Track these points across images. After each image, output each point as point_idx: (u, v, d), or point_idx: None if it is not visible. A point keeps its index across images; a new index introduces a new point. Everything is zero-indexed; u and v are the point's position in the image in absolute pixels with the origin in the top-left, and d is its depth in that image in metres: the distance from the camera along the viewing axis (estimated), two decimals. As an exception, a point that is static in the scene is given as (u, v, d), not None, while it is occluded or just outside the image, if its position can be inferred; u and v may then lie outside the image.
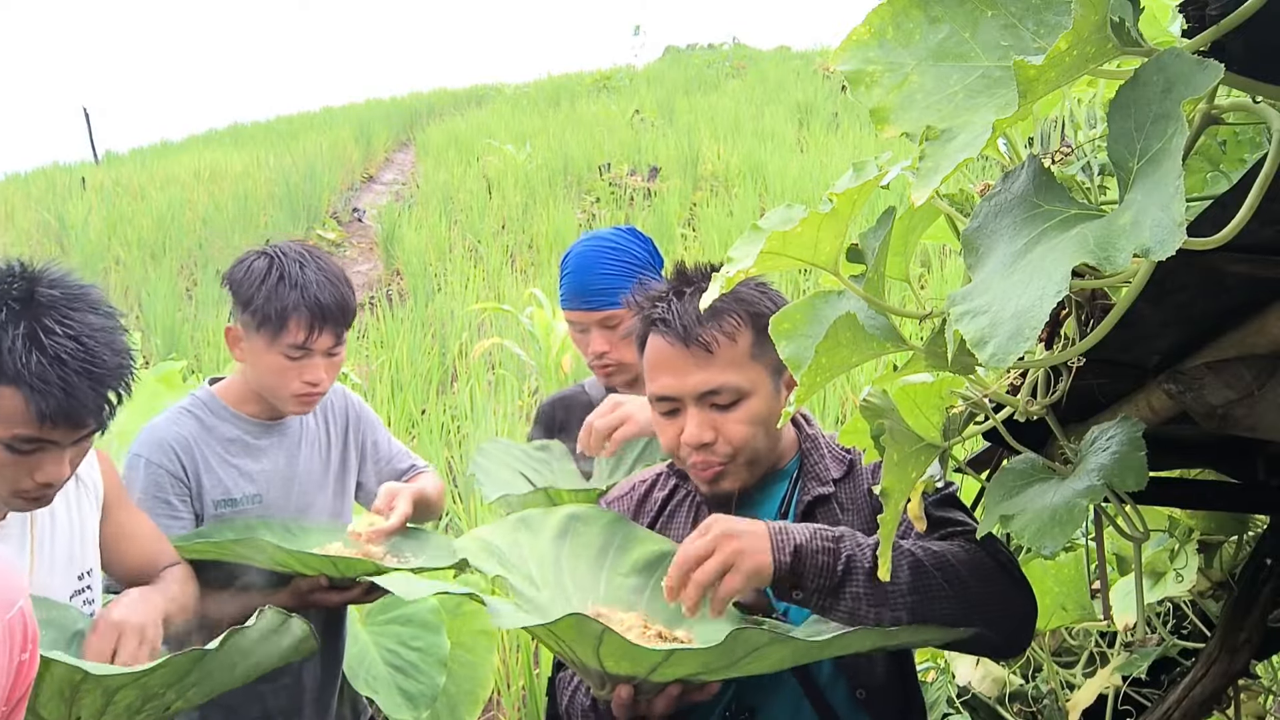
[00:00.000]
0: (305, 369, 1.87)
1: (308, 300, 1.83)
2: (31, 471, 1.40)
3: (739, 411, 1.35)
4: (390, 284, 9.32)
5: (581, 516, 1.47)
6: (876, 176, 0.79)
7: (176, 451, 1.89)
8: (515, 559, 1.39)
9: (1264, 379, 0.84)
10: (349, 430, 2.12)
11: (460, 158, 12.91)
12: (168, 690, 1.32)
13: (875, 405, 1.01)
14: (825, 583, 1.18)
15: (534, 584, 1.35)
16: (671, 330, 1.34)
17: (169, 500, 1.87)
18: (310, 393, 1.89)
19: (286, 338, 1.84)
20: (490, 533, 1.44)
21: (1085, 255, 0.59)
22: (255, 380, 1.92)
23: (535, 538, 1.43)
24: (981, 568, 1.23)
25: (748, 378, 1.35)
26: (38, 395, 1.33)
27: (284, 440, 2.01)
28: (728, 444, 1.36)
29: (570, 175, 11.73)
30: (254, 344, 1.87)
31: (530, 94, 18.19)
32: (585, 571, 1.39)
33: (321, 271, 1.87)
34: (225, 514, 1.92)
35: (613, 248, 2.06)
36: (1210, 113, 0.65)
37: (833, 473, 1.43)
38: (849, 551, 1.20)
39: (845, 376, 5.21)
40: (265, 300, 1.82)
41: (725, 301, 1.34)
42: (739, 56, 19.76)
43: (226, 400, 1.97)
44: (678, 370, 1.35)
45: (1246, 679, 1.66)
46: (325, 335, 1.87)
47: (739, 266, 0.81)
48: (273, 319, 1.82)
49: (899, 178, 0.78)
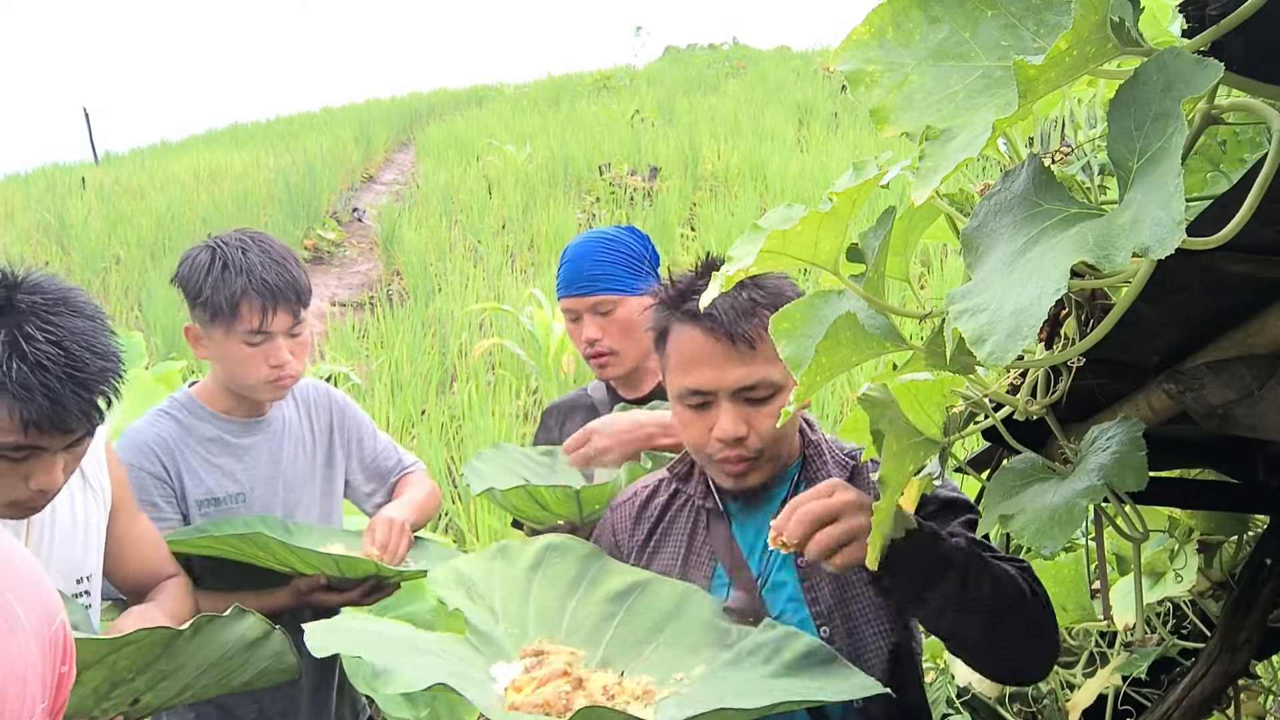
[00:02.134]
0: (268, 352, 1.87)
1: (255, 283, 1.83)
2: (25, 479, 1.40)
3: (773, 405, 1.34)
4: (390, 284, 9.32)
5: (559, 547, 1.46)
6: (876, 176, 0.79)
7: (156, 453, 1.89)
8: (484, 589, 1.38)
9: (1264, 379, 0.84)
10: (333, 427, 2.12)
11: (460, 158, 12.91)
12: (136, 676, 1.29)
13: (875, 399, 1.01)
14: (932, 565, 1.16)
15: (494, 616, 1.34)
16: (716, 324, 1.32)
17: (154, 502, 1.87)
18: (279, 376, 1.89)
19: (241, 324, 1.84)
20: (466, 562, 1.43)
21: (1085, 254, 0.59)
22: (225, 375, 1.93)
23: (510, 567, 1.42)
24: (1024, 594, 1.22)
25: (781, 372, 1.33)
26: (21, 403, 1.32)
27: (266, 438, 2.01)
28: (759, 438, 1.34)
29: (570, 175, 11.74)
30: (213, 337, 1.87)
31: (530, 94, 18.20)
32: (553, 602, 1.38)
33: (265, 253, 1.87)
34: (211, 514, 1.92)
35: (609, 239, 2.07)
36: (1210, 113, 0.65)
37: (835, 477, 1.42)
38: (946, 553, 1.17)
39: (845, 376, 5.22)
40: (213, 290, 1.82)
41: (764, 296, 1.33)
42: (739, 56, 19.78)
43: (204, 401, 1.97)
44: (717, 364, 1.33)
45: (1246, 679, 1.66)
46: (280, 315, 1.86)
47: (739, 265, 0.81)
48: (224, 308, 1.82)
49: (899, 177, 0.78)
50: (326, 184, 11.65)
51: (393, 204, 11.43)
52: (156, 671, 1.31)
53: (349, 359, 7.22)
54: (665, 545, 1.47)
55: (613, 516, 1.55)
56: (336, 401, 2.14)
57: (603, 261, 2.03)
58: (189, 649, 1.32)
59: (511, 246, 9.78)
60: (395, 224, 10.25)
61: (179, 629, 1.28)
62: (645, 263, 2.06)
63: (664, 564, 1.46)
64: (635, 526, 1.51)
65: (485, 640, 1.30)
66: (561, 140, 12.84)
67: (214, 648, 1.36)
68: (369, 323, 8.12)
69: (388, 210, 10.85)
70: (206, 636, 1.33)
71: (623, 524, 1.53)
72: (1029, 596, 1.23)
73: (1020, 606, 1.21)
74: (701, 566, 1.42)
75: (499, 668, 1.26)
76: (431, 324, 7.92)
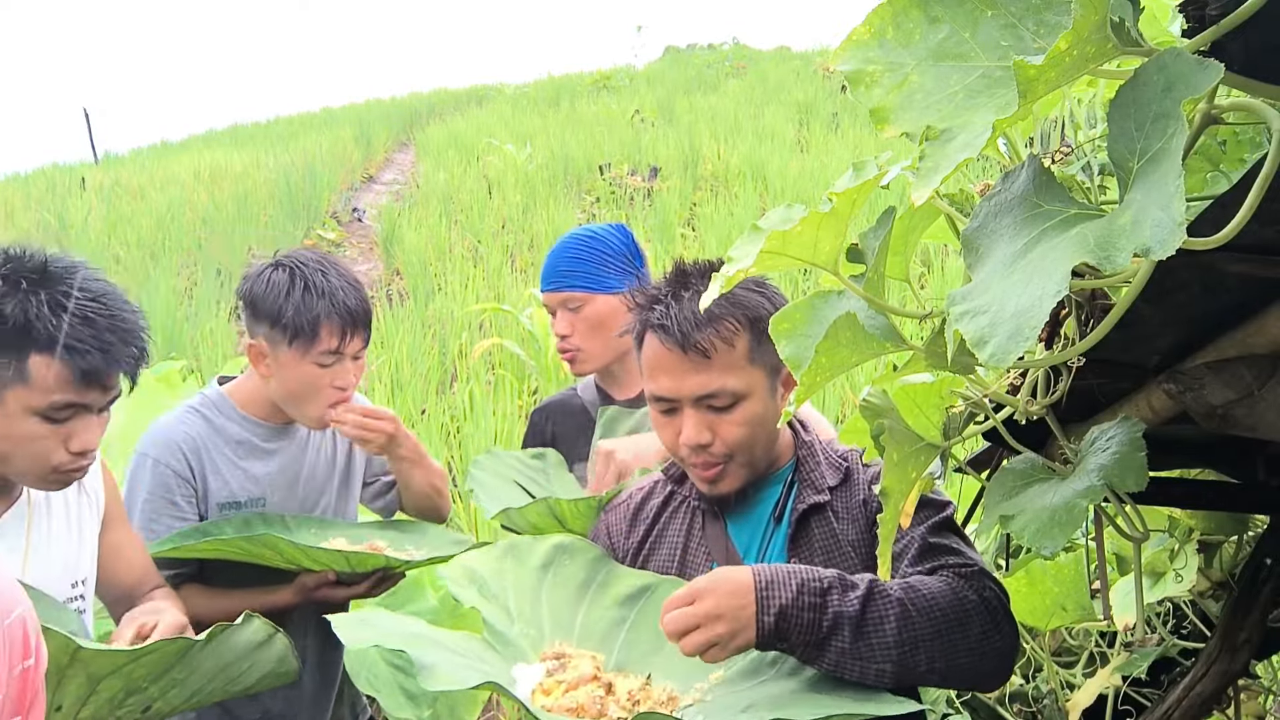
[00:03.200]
0: (336, 374, 1.88)
1: (338, 308, 1.85)
2: (66, 441, 1.45)
3: (736, 413, 1.35)
4: (390, 284, 9.31)
5: (568, 548, 1.46)
6: (876, 176, 0.79)
7: (184, 451, 1.88)
8: (497, 588, 1.38)
9: (1264, 379, 0.84)
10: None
11: (460, 158, 12.91)
12: (150, 684, 1.31)
13: (875, 405, 1.01)
14: (811, 638, 1.17)
15: (509, 616, 1.34)
16: (669, 335, 1.34)
17: (175, 501, 1.86)
18: (341, 398, 1.91)
19: (320, 346, 1.84)
20: (476, 559, 1.43)
21: (1085, 255, 0.59)
22: (282, 393, 1.91)
23: (520, 566, 1.42)
24: (963, 608, 1.21)
25: (744, 381, 1.35)
26: (76, 355, 1.40)
27: (291, 444, 2.00)
28: (724, 445, 1.36)
29: (570, 175, 11.74)
30: (284, 357, 1.86)
31: (530, 94, 18.20)
32: (565, 605, 1.38)
33: (343, 277, 1.90)
34: (229, 516, 1.91)
35: (590, 236, 2.09)
36: (1210, 113, 0.65)
37: (829, 480, 1.42)
38: (835, 607, 1.18)
39: (845, 376, 5.21)
40: (296, 312, 1.83)
41: (722, 305, 1.34)
42: (739, 56, 19.78)
43: (236, 401, 1.96)
44: (675, 373, 1.35)
45: (1246, 679, 1.66)
46: (355, 339, 1.89)
47: (739, 266, 0.81)
48: (305, 329, 1.83)
49: (899, 178, 0.78)
50: (326, 184, 11.65)
51: (393, 204, 11.43)
52: (170, 679, 1.33)
53: (349, 359, 7.20)
54: (661, 547, 1.48)
55: (608, 519, 1.55)
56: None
57: (576, 259, 2.04)
58: (202, 657, 1.34)
59: (511, 246, 9.78)
60: (395, 224, 10.24)
61: (196, 639, 1.31)
62: (625, 261, 2.06)
63: (660, 565, 1.46)
64: (631, 529, 1.51)
65: (502, 640, 1.30)
66: (562, 140, 12.84)
67: (223, 654, 1.37)
68: (369, 322, 8.10)
69: (388, 210, 10.84)
70: (218, 643, 1.34)
71: (618, 526, 1.53)
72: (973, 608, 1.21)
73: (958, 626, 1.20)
74: (698, 567, 1.42)
75: (520, 669, 1.26)
76: (431, 324, 7.91)
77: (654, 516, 1.50)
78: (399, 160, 14.42)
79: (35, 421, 1.42)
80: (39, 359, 1.40)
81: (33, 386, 1.40)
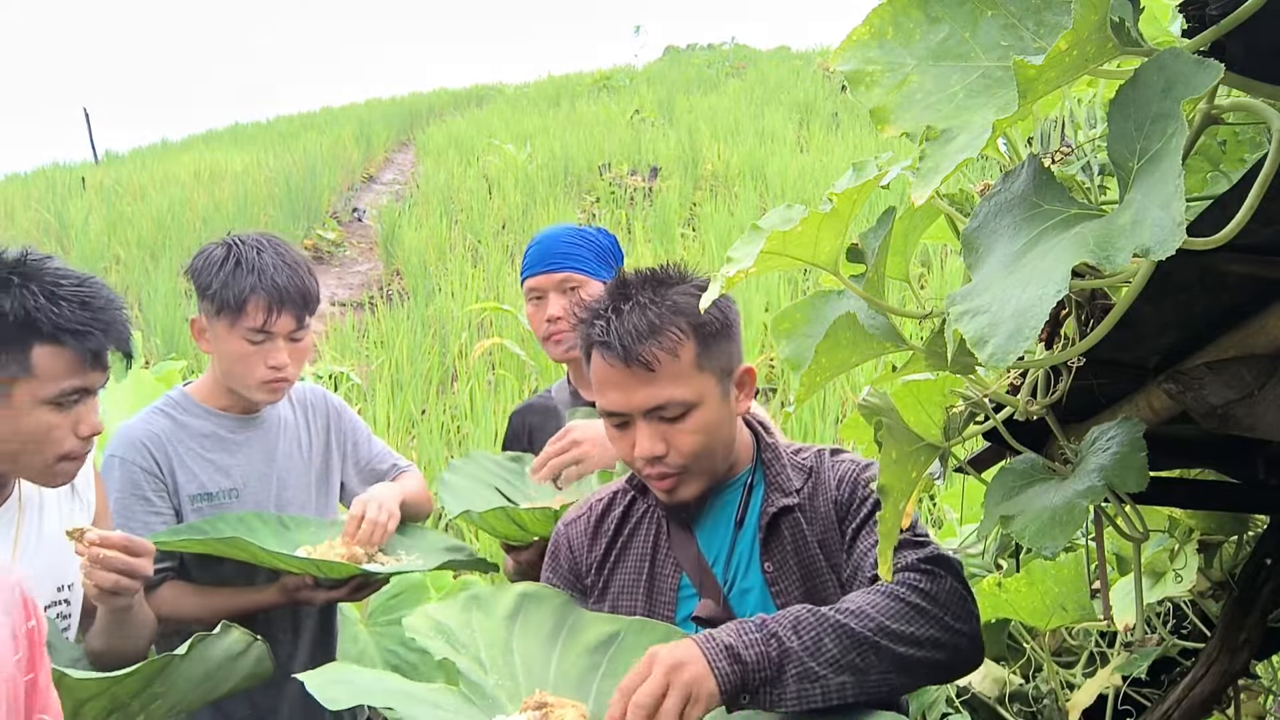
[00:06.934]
0: (268, 353, 1.89)
1: (264, 283, 1.85)
2: (74, 426, 1.48)
3: (688, 422, 1.33)
4: (390, 284, 9.32)
5: (533, 596, 1.43)
6: (876, 176, 0.79)
7: (149, 448, 1.90)
8: (465, 639, 1.36)
9: (1264, 379, 0.84)
10: (329, 429, 2.12)
11: (460, 158, 12.91)
12: (133, 700, 1.33)
13: (874, 405, 1.01)
14: (767, 670, 1.14)
15: (482, 667, 1.32)
16: (611, 350, 1.32)
17: (147, 496, 1.88)
18: (275, 378, 1.90)
19: (245, 321, 1.86)
20: (441, 611, 1.40)
21: (1085, 255, 0.59)
22: (222, 370, 1.94)
23: (487, 617, 1.40)
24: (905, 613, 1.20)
25: (694, 389, 1.33)
26: (80, 338, 1.44)
27: (261, 435, 2.01)
28: (680, 455, 1.34)
29: (570, 175, 11.74)
30: (216, 331, 1.89)
31: (530, 94, 18.20)
32: (536, 654, 1.36)
33: (279, 256, 1.90)
34: (203, 509, 1.92)
35: (577, 228, 2.13)
36: (1210, 113, 0.65)
37: (795, 483, 1.40)
38: (773, 630, 1.16)
39: (845, 376, 5.21)
40: (223, 285, 1.85)
41: (664, 315, 1.32)
42: (739, 56, 19.78)
43: (198, 397, 1.99)
44: (622, 388, 1.33)
45: (1246, 679, 1.66)
46: (284, 318, 1.88)
47: (739, 266, 0.81)
48: (231, 303, 1.85)
49: (899, 178, 0.78)
50: (326, 184, 11.65)
51: (393, 204, 11.43)
52: (150, 694, 1.35)
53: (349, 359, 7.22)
54: (626, 558, 1.45)
55: (567, 532, 1.52)
56: (333, 405, 2.15)
57: (572, 243, 2.07)
58: (183, 668, 1.36)
59: (511, 246, 9.77)
60: (395, 224, 10.25)
61: (175, 653, 1.33)
62: (612, 257, 2.10)
63: (627, 577, 1.44)
64: (593, 542, 1.48)
65: (479, 692, 1.28)
66: (562, 140, 12.84)
67: (203, 664, 1.40)
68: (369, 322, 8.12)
69: (388, 210, 10.85)
70: (198, 655, 1.36)
71: (579, 540, 1.50)
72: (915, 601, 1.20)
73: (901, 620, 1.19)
74: (667, 577, 1.41)
75: None
76: (431, 324, 7.92)
77: (615, 529, 1.47)
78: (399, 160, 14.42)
79: (46, 411, 1.44)
80: (44, 349, 1.42)
81: (41, 377, 1.43)
